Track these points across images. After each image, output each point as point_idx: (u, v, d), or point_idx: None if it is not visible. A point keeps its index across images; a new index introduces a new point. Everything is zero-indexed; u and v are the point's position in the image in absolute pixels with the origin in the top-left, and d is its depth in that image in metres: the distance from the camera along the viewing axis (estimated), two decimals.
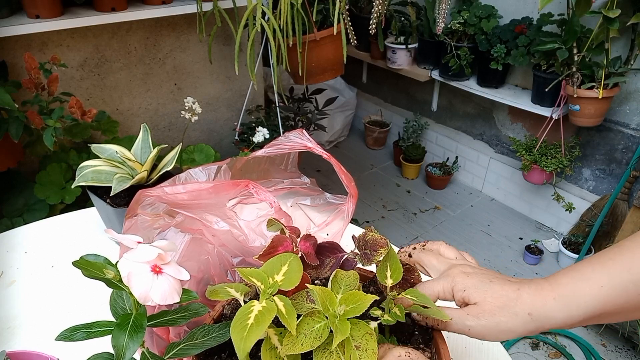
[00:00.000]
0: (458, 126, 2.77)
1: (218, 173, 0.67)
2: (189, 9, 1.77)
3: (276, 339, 0.42)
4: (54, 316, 0.76)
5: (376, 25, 1.70)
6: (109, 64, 1.83)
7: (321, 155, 0.61)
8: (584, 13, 1.70)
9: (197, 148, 1.85)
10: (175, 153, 0.89)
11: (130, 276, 0.39)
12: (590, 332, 1.91)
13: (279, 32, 1.65)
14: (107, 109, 1.85)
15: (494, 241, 2.39)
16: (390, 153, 3.13)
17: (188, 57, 2.02)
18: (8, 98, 1.32)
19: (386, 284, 0.48)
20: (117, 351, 0.40)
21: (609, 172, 2.15)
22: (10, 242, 0.92)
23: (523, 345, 1.87)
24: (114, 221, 0.85)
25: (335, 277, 0.49)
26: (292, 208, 0.73)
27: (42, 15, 1.53)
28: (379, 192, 2.79)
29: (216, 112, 2.22)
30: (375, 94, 3.24)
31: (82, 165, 0.85)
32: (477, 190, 2.78)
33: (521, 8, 2.18)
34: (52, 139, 1.34)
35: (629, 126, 2.01)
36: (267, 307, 0.41)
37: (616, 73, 1.81)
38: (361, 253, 0.51)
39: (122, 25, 1.78)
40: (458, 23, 2.21)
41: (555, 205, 2.38)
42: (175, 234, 0.62)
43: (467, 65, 2.28)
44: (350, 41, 1.79)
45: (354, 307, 0.43)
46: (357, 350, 0.41)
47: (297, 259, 0.48)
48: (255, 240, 0.67)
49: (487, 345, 0.73)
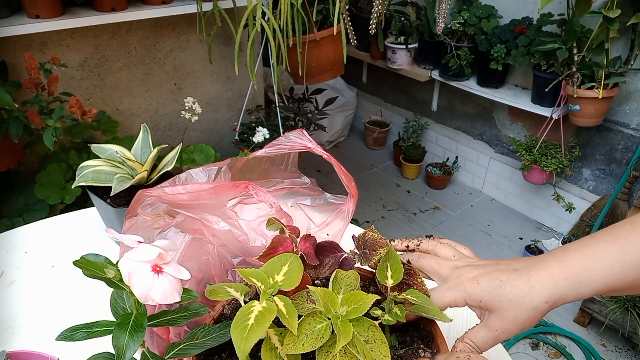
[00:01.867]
0: (458, 126, 2.77)
1: (218, 174, 0.67)
2: (189, 9, 1.77)
3: (276, 339, 0.42)
4: (54, 316, 0.76)
5: (376, 25, 1.70)
6: (109, 64, 1.83)
7: (321, 156, 0.61)
8: (584, 13, 1.70)
9: (197, 148, 1.85)
10: (175, 153, 0.89)
11: (131, 275, 0.39)
12: (590, 332, 1.91)
13: (279, 32, 1.65)
14: (107, 109, 1.85)
15: (494, 241, 2.39)
16: (390, 153, 3.13)
17: (188, 57, 2.02)
18: (8, 98, 1.32)
19: (387, 284, 0.48)
20: (117, 351, 0.40)
21: (609, 172, 2.16)
22: (10, 242, 0.92)
23: (523, 345, 1.87)
24: (114, 221, 0.85)
25: (336, 277, 0.49)
26: (292, 208, 0.73)
27: (42, 15, 1.53)
28: (379, 192, 2.79)
29: (216, 112, 2.22)
30: (375, 94, 3.24)
31: (82, 165, 0.85)
32: (477, 190, 2.78)
33: (521, 8, 2.18)
34: (52, 139, 1.34)
35: (629, 126, 2.01)
36: (268, 307, 0.41)
37: (616, 73, 1.81)
38: (360, 253, 0.51)
39: (122, 25, 1.78)
40: (458, 23, 2.21)
41: (555, 205, 2.39)
42: (175, 234, 0.62)
43: (467, 65, 2.28)
44: (350, 41, 1.79)
45: (355, 308, 0.43)
46: (368, 344, 0.42)
47: (298, 259, 0.48)
48: (255, 240, 0.67)
49: None
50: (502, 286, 0.46)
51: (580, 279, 0.44)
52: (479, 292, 0.46)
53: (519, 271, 0.46)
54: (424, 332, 0.51)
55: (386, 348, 0.42)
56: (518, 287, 0.45)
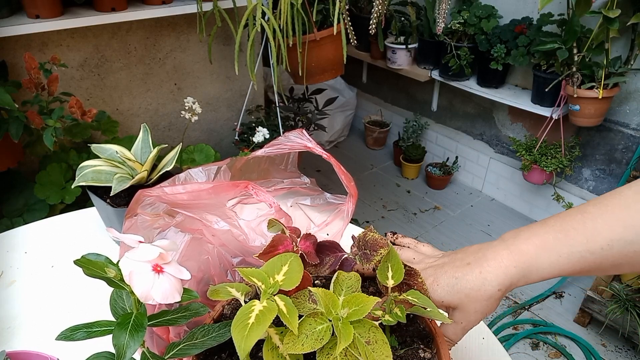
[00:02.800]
0: (458, 126, 2.77)
1: (218, 173, 0.67)
2: (189, 9, 1.77)
3: (277, 338, 0.42)
4: (54, 316, 0.76)
5: (376, 25, 1.70)
6: (109, 64, 1.83)
7: (321, 155, 0.61)
8: (584, 13, 1.70)
9: (197, 148, 1.85)
10: (175, 153, 0.89)
11: (131, 275, 0.39)
12: (590, 332, 1.91)
13: (279, 32, 1.65)
14: (107, 109, 1.85)
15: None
16: (390, 153, 3.13)
17: (188, 57, 2.02)
18: (8, 98, 1.32)
19: (387, 285, 0.48)
20: (117, 350, 0.40)
21: (609, 172, 2.16)
22: (10, 242, 0.92)
23: (523, 345, 1.87)
24: (114, 221, 0.85)
25: (337, 279, 0.49)
26: (292, 208, 0.73)
27: (42, 15, 1.53)
28: (379, 192, 2.79)
29: (216, 112, 2.22)
30: (375, 94, 3.24)
31: (82, 165, 0.85)
32: (477, 190, 2.78)
33: (521, 8, 2.18)
34: (52, 139, 1.34)
35: (629, 126, 2.01)
36: (268, 306, 0.41)
37: (616, 73, 1.81)
38: (361, 253, 0.51)
39: (122, 25, 1.78)
40: (458, 23, 2.21)
41: (555, 206, 2.39)
42: (175, 233, 0.62)
43: (467, 65, 2.28)
44: (350, 41, 1.79)
45: (356, 310, 0.43)
46: (369, 345, 0.42)
47: (298, 259, 0.48)
48: (255, 239, 0.67)
49: (487, 345, 0.73)
50: (458, 283, 0.49)
51: (528, 267, 0.47)
52: (439, 293, 0.49)
53: (471, 265, 0.49)
54: (424, 332, 0.51)
55: (388, 349, 0.42)
56: (472, 282, 0.48)
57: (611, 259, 0.45)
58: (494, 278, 0.47)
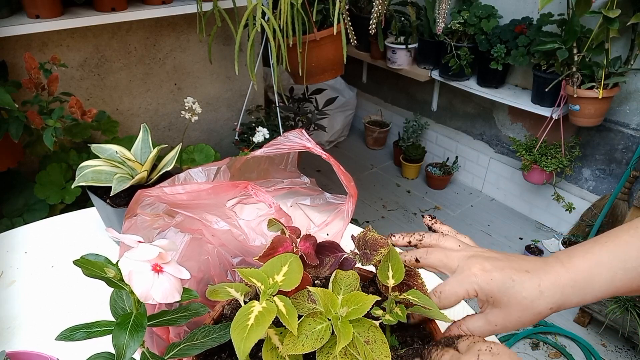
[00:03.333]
0: (458, 126, 2.77)
1: (217, 173, 0.67)
2: (189, 9, 1.77)
3: (277, 339, 0.42)
4: (54, 316, 0.76)
5: (376, 25, 1.70)
6: (109, 64, 1.83)
7: (320, 155, 0.61)
8: (584, 13, 1.70)
9: (197, 148, 1.85)
10: (175, 153, 0.89)
11: (131, 275, 0.39)
12: (590, 332, 1.91)
13: (279, 32, 1.65)
14: (107, 109, 1.85)
15: (494, 241, 2.39)
16: (390, 153, 3.13)
17: (188, 57, 2.02)
18: (8, 98, 1.32)
19: (388, 284, 0.48)
20: (117, 350, 0.40)
21: (609, 172, 2.15)
22: (10, 242, 0.92)
23: (523, 345, 1.87)
24: (114, 221, 0.85)
25: (336, 277, 0.49)
26: (292, 208, 0.73)
27: (42, 15, 1.53)
28: (379, 192, 2.79)
29: (216, 112, 2.22)
30: (375, 94, 3.24)
31: (82, 165, 0.85)
32: (477, 190, 2.78)
33: (521, 8, 2.18)
34: (52, 139, 1.34)
35: (629, 126, 2.01)
36: (268, 307, 0.41)
37: (616, 73, 1.81)
38: (361, 253, 0.51)
39: (122, 25, 1.78)
40: (458, 23, 2.21)
41: (555, 205, 2.38)
42: (175, 234, 0.62)
43: (467, 65, 2.28)
44: (350, 41, 1.79)
45: (355, 309, 0.43)
46: (368, 345, 0.42)
47: (297, 260, 0.48)
48: (255, 239, 0.67)
49: None
50: (514, 286, 0.46)
51: (585, 286, 0.45)
52: (491, 287, 0.47)
53: (530, 273, 0.47)
54: (424, 332, 0.51)
55: (387, 348, 0.42)
56: (528, 290, 0.46)
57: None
58: (551, 295, 0.45)
